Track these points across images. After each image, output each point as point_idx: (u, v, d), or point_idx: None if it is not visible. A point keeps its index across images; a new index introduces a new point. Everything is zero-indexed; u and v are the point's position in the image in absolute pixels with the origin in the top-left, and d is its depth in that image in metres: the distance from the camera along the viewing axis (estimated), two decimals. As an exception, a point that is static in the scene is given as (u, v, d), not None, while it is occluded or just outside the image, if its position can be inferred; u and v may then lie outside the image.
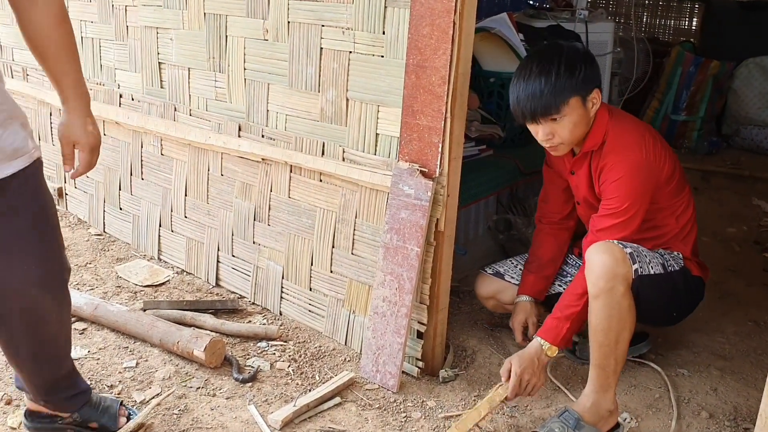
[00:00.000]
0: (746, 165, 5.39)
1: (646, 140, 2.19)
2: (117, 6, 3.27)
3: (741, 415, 2.35)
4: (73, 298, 2.74)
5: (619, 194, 2.15)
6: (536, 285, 2.56)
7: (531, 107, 2.10)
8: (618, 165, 2.15)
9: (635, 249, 2.13)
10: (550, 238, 2.58)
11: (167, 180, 3.26)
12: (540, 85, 2.07)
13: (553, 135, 2.15)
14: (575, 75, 2.07)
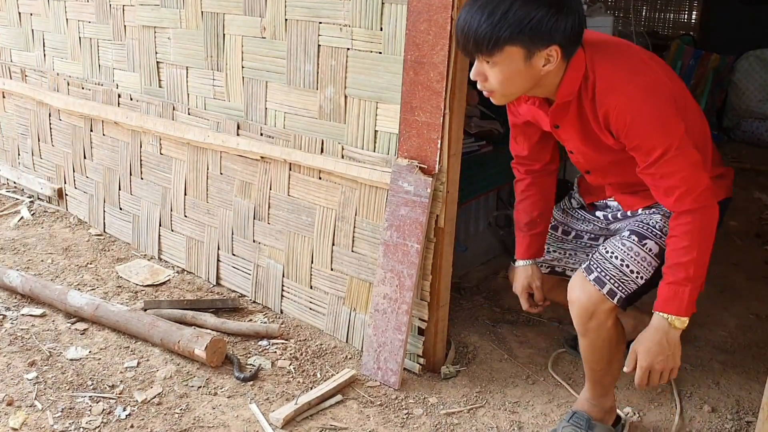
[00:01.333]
0: (747, 158, 5.38)
1: (639, 61, 1.82)
2: (114, 6, 3.27)
3: (743, 408, 2.35)
4: (74, 299, 2.76)
5: (644, 138, 1.75)
6: (532, 245, 2.30)
7: (463, 39, 1.74)
8: (623, 106, 1.75)
9: (614, 271, 1.92)
10: (533, 189, 2.26)
11: (167, 179, 3.26)
12: (480, 17, 1.68)
13: (485, 78, 1.78)
14: (524, 22, 1.65)
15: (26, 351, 2.57)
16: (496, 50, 1.69)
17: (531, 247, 2.30)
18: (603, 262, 1.93)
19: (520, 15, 1.65)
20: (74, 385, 2.38)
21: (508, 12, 1.66)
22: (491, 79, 1.76)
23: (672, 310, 1.79)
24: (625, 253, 1.91)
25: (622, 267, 1.90)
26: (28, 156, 4.11)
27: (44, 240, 3.56)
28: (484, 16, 1.67)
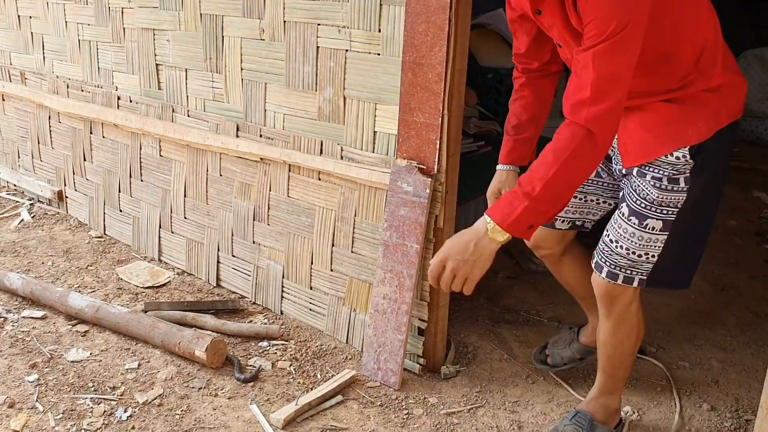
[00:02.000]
0: (746, 157, 5.38)
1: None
2: (113, 8, 3.28)
3: (742, 406, 2.35)
4: (75, 301, 2.76)
5: (598, 13, 1.55)
6: (515, 150, 2.13)
7: None
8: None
9: (623, 261, 1.84)
10: (527, 90, 2.08)
11: (166, 181, 3.27)
12: None
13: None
14: None
15: (27, 353, 2.58)
16: None
17: (513, 152, 2.14)
18: (610, 254, 1.88)
19: None
20: (75, 387, 2.38)
21: None
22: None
23: (497, 216, 1.59)
24: (628, 240, 1.85)
25: (630, 255, 1.85)
26: (28, 159, 4.12)
27: (44, 242, 3.56)
28: None
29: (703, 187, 1.79)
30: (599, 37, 1.54)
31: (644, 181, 1.82)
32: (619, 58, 1.55)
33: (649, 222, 1.82)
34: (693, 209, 1.81)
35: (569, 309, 2.98)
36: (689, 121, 1.75)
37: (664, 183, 1.79)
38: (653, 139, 1.77)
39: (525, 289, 3.17)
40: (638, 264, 1.86)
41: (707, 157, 1.76)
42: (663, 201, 1.81)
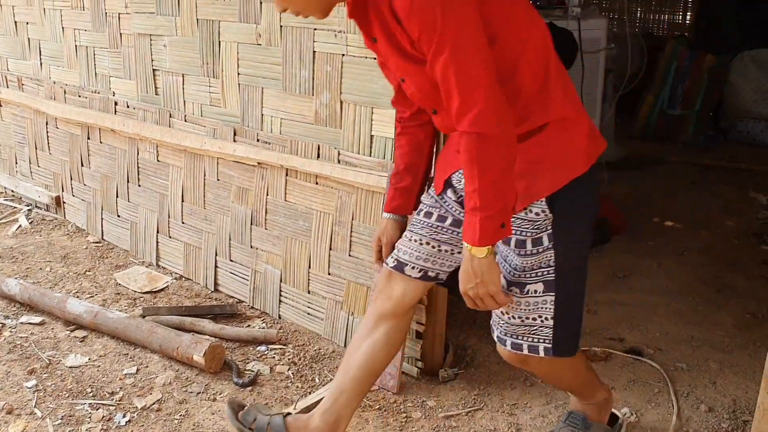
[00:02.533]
0: (743, 158, 5.40)
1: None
2: (110, 14, 3.28)
3: (740, 407, 2.35)
4: (73, 306, 2.76)
5: (423, 23, 1.47)
6: (395, 199, 2.02)
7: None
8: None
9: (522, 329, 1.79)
10: (403, 139, 1.98)
11: (164, 186, 3.27)
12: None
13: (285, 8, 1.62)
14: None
15: (26, 359, 2.58)
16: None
17: (393, 201, 2.03)
18: (507, 326, 1.81)
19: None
20: (74, 393, 2.38)
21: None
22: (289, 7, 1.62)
23: (467, 239, 1.59)
24: (515, 309, 1.76)
25: (525, 320, 1.76)
26: (25, 164, 4.12)
27: (42, 248, 3.56)
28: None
29: (573, 239, 1.71)
30: (435, 44, 1.48)
31: (509, 249, 1.73)
32: (468, 56, 1.48)
33: (529, 287, 1.74)
34: (568, 263, 1.71)
35: (567, 311, 2.99)
36: (538, 173, 1.65)
37: (529, 247, 1.70)
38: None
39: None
40: (536, 329, 1.77)
41: (564, 208, 1.67)
42: (534, 265, 1.71)
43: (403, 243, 1.95)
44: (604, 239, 3.68)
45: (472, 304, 1.67)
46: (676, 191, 4.66)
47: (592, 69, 4.08)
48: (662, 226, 4.06)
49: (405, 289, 1.96)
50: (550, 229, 1.68)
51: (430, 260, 1.92)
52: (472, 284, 1.63)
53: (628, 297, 3.14)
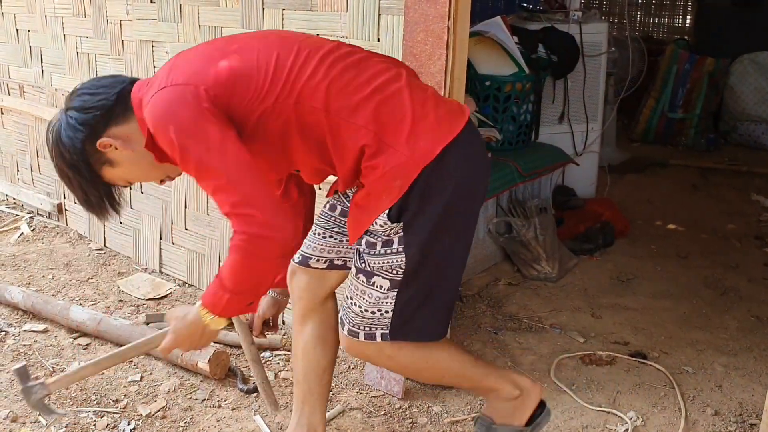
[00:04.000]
0: (744, 161, 5.40)
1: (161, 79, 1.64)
2: (112, 21, 3.28)
3: (747, 411, 2.35)
4: (76, 314, 2.76)
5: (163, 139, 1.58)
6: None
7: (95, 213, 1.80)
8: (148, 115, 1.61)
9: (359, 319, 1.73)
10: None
11: (167, 193, 3.27)
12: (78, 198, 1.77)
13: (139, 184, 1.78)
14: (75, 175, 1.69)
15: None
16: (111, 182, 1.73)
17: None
18: (348, 311, 1.76)
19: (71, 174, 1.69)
20: (78, 401, 2.38)
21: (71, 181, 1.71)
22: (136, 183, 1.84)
23: (209, 305, 1.64)
24: (360, 297, 1.72)
25: (363, 313, 1.71)
26: (27, 172, 4.12)
27: (45, 255, 3.56)
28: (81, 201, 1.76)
29: (426, 240, 1.63)
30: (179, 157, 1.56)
31: (361, 248, 1.69)
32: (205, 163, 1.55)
33: (376, 280, 1.69)
34: (420, 264, 1.65)
35: (571, 316, 2.99)
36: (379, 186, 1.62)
37: (378, 248, 1.66)
38: (360, 214, 1.68)
39: (527, 296, 3.17)
40: (374, 321, 1.72)
41: (416, 211, 1.61)
42: (383, 266, 1.67)
43: (308, 238, 1.96)
44: (608, 242, 3.68)
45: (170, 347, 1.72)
46: (678, 194, 4.67)
47: (593, 73, 4.09)
48: (664, 230, 4.06)
49: (311, 281, 1.97)
50: (401, 232, 1.63)
51: (335, 251, 1.93)
52: (192, 344, 1.71)
53: (632, 301, 3.14)
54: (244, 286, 1.61)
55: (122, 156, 1.68)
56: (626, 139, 5.88)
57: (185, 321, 1.69)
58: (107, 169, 1.69)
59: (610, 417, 2.32)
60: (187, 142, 1.54)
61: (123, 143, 1.66)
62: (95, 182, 1.71)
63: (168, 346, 1.72)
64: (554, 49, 3.86)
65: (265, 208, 1.54)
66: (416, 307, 1.71)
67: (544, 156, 3.71)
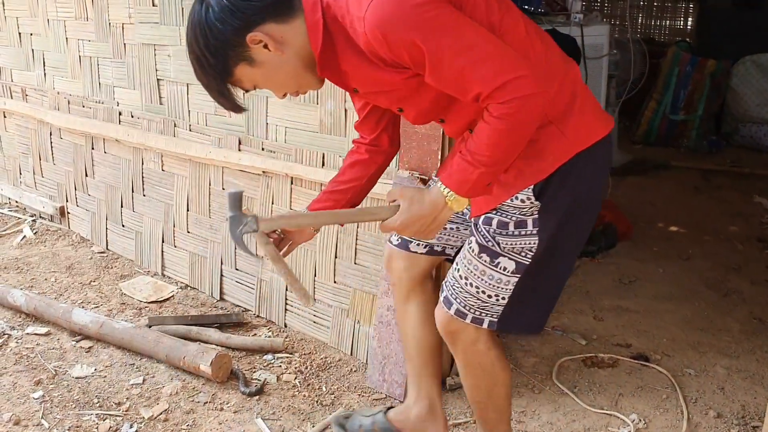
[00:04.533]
0: (746, 162, 5.40)
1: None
2: (114, 24, 3.29)
3: (749, 413, 2.35)
4: (79, 317, 2.76)
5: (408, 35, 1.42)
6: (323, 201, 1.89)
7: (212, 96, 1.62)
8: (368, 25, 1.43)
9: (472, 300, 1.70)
10: (354, 155, 1.93)
11: (169, 195, 3.27)
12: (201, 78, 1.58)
13: (272, 91, 1.63)
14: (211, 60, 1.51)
15: (32, 370, 2.57)
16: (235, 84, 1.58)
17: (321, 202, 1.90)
18: (460, 291, 1.72)
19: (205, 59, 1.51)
20: (80, 403, 2.38)
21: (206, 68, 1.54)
22: (272, 90, 1.62)
23: (452, 184, 1.54)
24: (479, 277, 1.68)
25: (480, 294, 1.69)
26: (29, 175, 4.13)
27: (47, 258, 3.56)
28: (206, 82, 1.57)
29: (556, 227, 1.63)
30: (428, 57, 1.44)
31: (491, 228, 1.66)
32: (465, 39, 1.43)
33: (502, 261, 1.67)
34: (547, 251, 1.65)
35: (573, 318, 2.98)
36: (528, 162, 1.60)
37: (511, 228, 1.64)
38: (496, 186, 1.63)
39: (528, 298, 3.17)
40: (488, 306, 1.70)
41: (555, 195, 1.61)
42: (515, 247, 1.65)
43: None
44: (611, 245, 3.68)
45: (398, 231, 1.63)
46: (680, 196, 4.66)
47: (594, 75, 4.09)
48: (667, 232, 4.05)
49: (409, 265, 1.96)
50: (536, 214, 1.63)
51: (436, 237, 1.90)
52: (421, 229, 1.61)
53: (634, 303, 3.14)
54: (500, 156, 1.50)
55: (268, 57, 1.52)
56: (628, 141, 5.88)
57: (422, 200, 1.59)
58: (243, 67, 1.53)
59: (613, 419, 2.32)
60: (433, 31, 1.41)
61: (275, 44, 1.50)
62: (222, 76, 1.54)
63: (396, 225, 1.61)
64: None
65: (528, 67, 1.44)
66: (530, 296, 1.70)
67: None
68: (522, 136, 1.49)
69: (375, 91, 1.63)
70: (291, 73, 1.57)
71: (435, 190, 1.58)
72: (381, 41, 1.44)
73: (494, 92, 1.42)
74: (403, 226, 1.61)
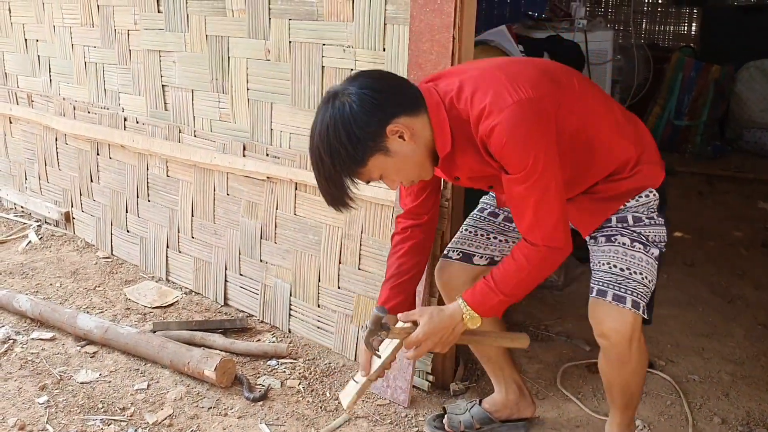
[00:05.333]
0: (750, 168, 5.39)
1: (513, 76, 1.69)
2: (119, 30, 3.31)
3: (754, 419, 2.34)
4: (84, 322, 2.77)
5: (515, 155, 1.65)
6: (394, 297, 1.99)
7: (332, 200, 1.73)
8: (496, 129, 1.63)
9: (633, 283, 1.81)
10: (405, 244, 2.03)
11: (173, 201, 3.28)
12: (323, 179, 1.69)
13: (393, 182, 1.76)
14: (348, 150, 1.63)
15: (37, 375, 2.58)
16: (366, 178, 1.71)
17: (392, 299, 1.99)
18: (628, 283, 1.81)
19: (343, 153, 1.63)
20: (85, 409, 2.39)
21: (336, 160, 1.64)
22: (395, 180, 1.76)
23: (475, 304, 1.79)
24: (641, 265, 1.82)
25: (646, 282, 1.82)
26: (35, 180, 4.14)
27: (52, 264, 3.58)
28: (330, 181, 1.68)
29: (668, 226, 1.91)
30: (523, 169, 1.66)
31: (629, 225, 1.87)
32: (545, 180, 1.68)
33: (652, 249, 1.86)
34: (665, 247, 1.91)
35: (578, 324, 2.98)
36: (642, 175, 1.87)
37: (645, 220, 1.87)
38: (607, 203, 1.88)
39: (533, 305, 3.16)
40: (648, 292, 1.83)
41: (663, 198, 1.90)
42: (657, 235, 1.88)
43: (468, 237, 2.11)
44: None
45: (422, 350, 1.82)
46: (684, 202, 4.65)
47: (598, 80, 4.09)
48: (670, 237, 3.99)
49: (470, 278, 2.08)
50: (656, 210, 1.87)
51: (498, 249, 2.11)
52: (440, 341, 1.81)
53: (639, 308, 3.13)
54: (519, 290, 1.79)
55: (402, 147, 1.68)
56: (632, 147, 5.86)
57: (441, 315, 1.80)
58: (377, 157, 1.67)
59: (617, 425, 2.31)
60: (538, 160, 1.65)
61: (410, 134, 1.67)
62: (354, 167, 1.66)
63: (417, 338, 1.79)
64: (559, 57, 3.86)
65: (567, 226, 1.76)
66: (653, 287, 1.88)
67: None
68: (539, 279, 1.79)
69: (477, 176, 1.85)
70: (418, 163, 1.75)
71: (455, 305, 1.82)
72: (499, 150, 1.66)
73: (534, 233, 1.72)
74: (426, 336, 1.79)
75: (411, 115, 1.68)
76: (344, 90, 1.66)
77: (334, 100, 1.65)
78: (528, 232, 1.74)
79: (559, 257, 1.77)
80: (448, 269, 2.12)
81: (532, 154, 1.65)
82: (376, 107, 1.64)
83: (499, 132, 1.64)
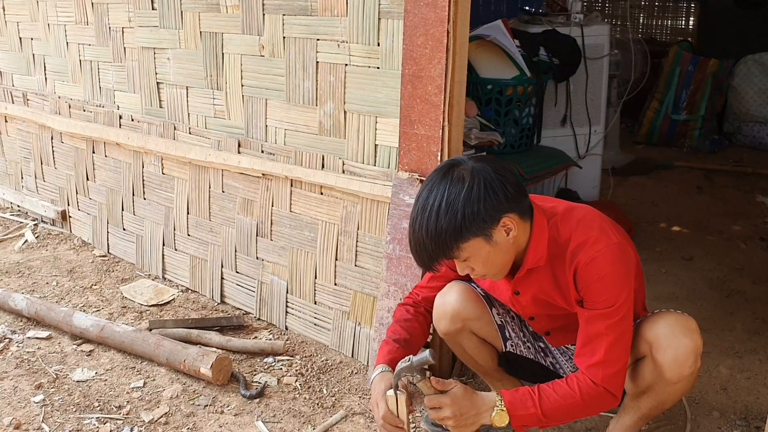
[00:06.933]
0: (749, 162, 5.38)
1: (606, 224, 1.82)
2: (114, 28, 3.30)
3: (752, 413, 2.34)
4: (80, 320, 2.76)
5: (608, 290, 1.74)
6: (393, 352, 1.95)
7: (419, 258, 1.75)
8: (595, 263, 1.74)
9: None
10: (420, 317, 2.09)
11: (169, 199, 3.27)
12: (424, 238, 1.69)
13: (472, 269, 1.78)
14: (458, 219, 1.65)
15: (33, 374, 2.57)
16: (457, 253, 1.71)
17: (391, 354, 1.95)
18: None
19: (453, 216, 1.65)
20: (81, 407, 2.38)
21: (438, 220, 1.66)
22: (477, 268, 1.78)
23: (511, 404, 1.75)
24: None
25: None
26: (31, 179, 4.13)
27: (49, 262, 3.57)
28: (427, 237, 1.68)
29: None
30: (609, 307, 1.74)
31: None
32: (626, 323, 1.77)
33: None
34: None
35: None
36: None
37: None
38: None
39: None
40: None
41: None
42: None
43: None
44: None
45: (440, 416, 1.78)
46: (682, 196, 4.65)
47: (595, 75, 4.08)
48: (669, 232, 4.04)
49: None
50: None
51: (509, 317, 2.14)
52: (462, 422, 1.77)
53: (636, 303, 3.12)
54: (557, 415, 1.77)
55: (503, 241, 1.72)
56: (630, 142, 5.86)
57: (473, 394, 1.79)
58: (478, 240, 1.69)
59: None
60: (627, 301, 1.75)
61: (515, 233, 1.73)
62: (454, 239, 1.68)
63: (441, 401, 1.76)
64: (556, 52, 3.85)
65: (626, 378, 1.82)
66: None
67: (547, 159, 3.70)
68: (579, 415, 1.83)
69: (541, 300, 1.88)
70: (506, 262, 1.80)
71: (491, 394, 1.80)
72: (594, 281, 1.74)
73: (599, 371, 1.74)
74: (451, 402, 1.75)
75: (522, 218, 1.75)
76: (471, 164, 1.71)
77: (466, 175, 1.69)
78: (592, 369, 1.76)
79: (610, 403, 1.79)
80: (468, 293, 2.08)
81: (624, 294, 1.74)
82: (503, 193, 1.69)
83: (600, 263, 1.73)
